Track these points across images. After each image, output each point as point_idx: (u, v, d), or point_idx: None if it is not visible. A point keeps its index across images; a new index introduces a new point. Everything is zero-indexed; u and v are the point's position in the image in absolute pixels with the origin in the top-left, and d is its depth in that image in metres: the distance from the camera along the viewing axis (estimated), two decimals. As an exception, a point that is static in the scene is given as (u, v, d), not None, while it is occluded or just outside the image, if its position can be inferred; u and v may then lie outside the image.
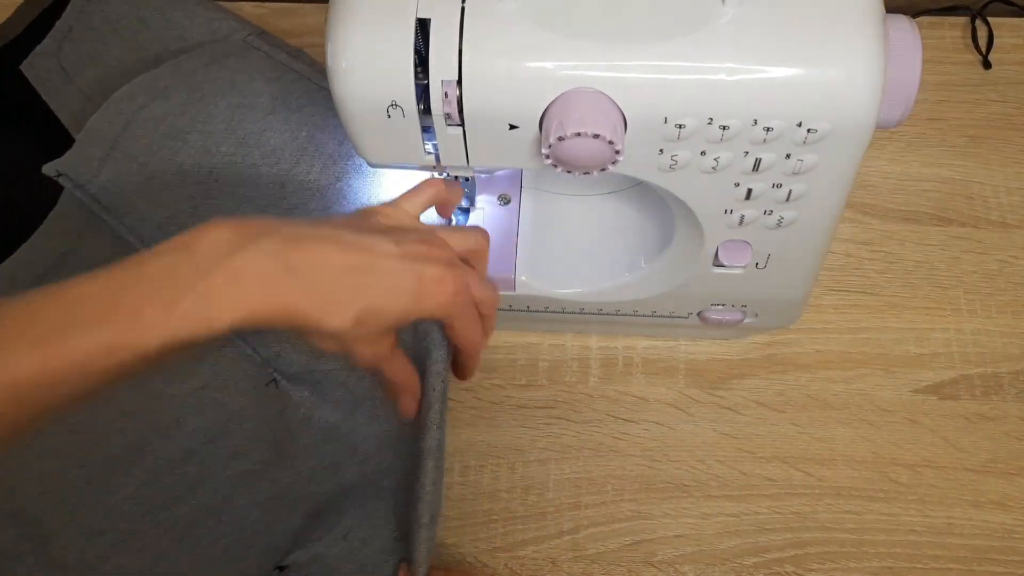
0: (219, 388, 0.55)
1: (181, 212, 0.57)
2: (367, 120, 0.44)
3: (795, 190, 0.46)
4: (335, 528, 0.53)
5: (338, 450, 0.56)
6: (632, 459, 0.61)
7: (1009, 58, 0.73)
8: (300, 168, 0.58)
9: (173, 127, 0.58)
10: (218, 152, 0.58)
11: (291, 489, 0.55)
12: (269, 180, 0.58)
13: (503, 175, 0.60)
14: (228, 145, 0.58)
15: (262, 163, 0.58)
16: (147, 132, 0.58)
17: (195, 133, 0.58)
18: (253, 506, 0.54)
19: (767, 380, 0.63)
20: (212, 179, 0.57)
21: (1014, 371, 0.62)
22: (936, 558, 0.57)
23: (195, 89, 0.59)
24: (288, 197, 0.58)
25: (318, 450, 0.56)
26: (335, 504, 0.55)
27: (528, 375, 0.63)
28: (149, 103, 0.58)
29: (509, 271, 0.58)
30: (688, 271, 0.54)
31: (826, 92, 0.40)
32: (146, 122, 0.58)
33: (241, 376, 0.56)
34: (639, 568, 0.57)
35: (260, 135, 0.58)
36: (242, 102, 0.59)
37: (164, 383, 0.56)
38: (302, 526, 0.55)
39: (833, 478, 0.60)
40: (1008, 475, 0.59)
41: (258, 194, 0.58)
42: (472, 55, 0.41)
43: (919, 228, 0.68)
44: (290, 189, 0.58)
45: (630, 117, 0.42)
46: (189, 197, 0.57)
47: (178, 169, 0.57)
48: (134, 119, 0.58)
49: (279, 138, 0.59)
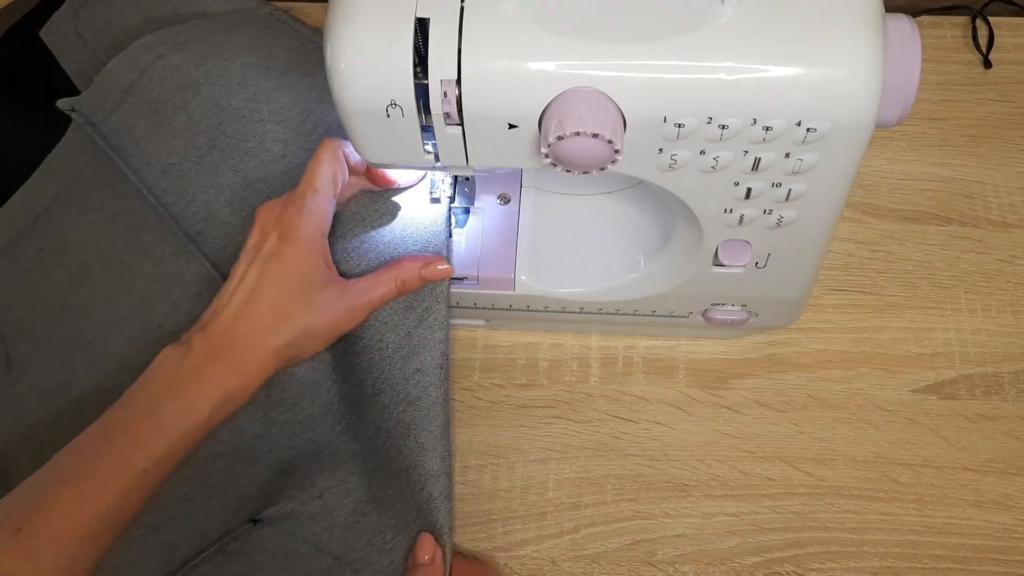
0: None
1: (187, 160, 0.58)
2: (367, 119, 0.44)
3: (795, 189, 0.46)
4: (309, 487, 0.54)
5: (313, 406, 0.56)
6: (632, 459, 0.61)
7: (1009, 57, 0.73)
8: (305, 127, 0.59)
9: (188, 78, 0.59)
10: (228, 106, 0.59)
11: (258, 440, 0.55)
12: (274, 137, 0.59)
13: (503, 175, 0.60)
14: (239, 100, 0.59)
15: (269, 119, 0.59)
16: (163, 80, 0.59)
17: (208, 86, 0.59)
18: (215, 456, 0.54)
19: (767, 380, 0.63)
20: (220, 131, 0.58)
21: (1014, 371, 0.62)
22: (936, 558, 0.57)
23: (214, 45, 0.60)
24: (290, 156, 0.59)
25: (295, 404, 0.56)
26: (305, 461, 0.55)
27: (528, 375, 0.63)
28: (168, 53, 0.59)
29: (509, 271, 0.58)
30: (688, 271, 0.54)
31: (826, 91, 0.40)
32: (163, 71, 0.59)
33: None
34: (639, 568, 0.57)
35: (271, 92, 0.60)
36: (257, 62, 0.60)
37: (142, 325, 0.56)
38: (270, 480, 0.55)
39: (833, 478, 0.60)
40: (1008, 475, 0.59)
41: (262, 150, 0.58)
42: (471, 55, 0.41)
43: (919, 228, 0.67)
44: (292, 148, 0.59)
45: (629, 116, 0.42)
46: (196, 147, 0.58)
47: (188, 118, 0.58)
48: (152, 67, 0.59)
49: (288, 97, 0.60)
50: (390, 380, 0.53)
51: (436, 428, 0.53)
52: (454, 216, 0.59)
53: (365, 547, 0.53)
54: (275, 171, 0.58)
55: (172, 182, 0.58)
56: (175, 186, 0.58)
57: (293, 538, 0.54)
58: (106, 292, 0.58)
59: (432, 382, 0.53)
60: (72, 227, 0.61)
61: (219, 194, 0.58)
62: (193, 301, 0.57)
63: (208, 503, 0.54)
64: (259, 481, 0.55)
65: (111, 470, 0.45)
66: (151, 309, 0.58)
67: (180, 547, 0.53)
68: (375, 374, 0.54)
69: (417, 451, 0.53)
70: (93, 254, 0.59)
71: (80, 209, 0.61)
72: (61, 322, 0.58)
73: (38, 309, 0.58)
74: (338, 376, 0.56)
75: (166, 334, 0.54)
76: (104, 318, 0.58)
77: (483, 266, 0.58)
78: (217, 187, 0.58)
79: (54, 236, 0.60)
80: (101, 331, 0.57)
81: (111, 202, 0.60)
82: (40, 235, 0.60)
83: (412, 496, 0.53)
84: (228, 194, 0.58)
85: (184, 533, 0.53)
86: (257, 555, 0.53)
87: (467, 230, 0.59)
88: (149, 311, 0.58)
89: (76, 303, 0.58)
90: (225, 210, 0.58)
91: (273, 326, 0.49)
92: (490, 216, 0.59)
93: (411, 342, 0.53)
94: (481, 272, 0.58)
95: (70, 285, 0.59)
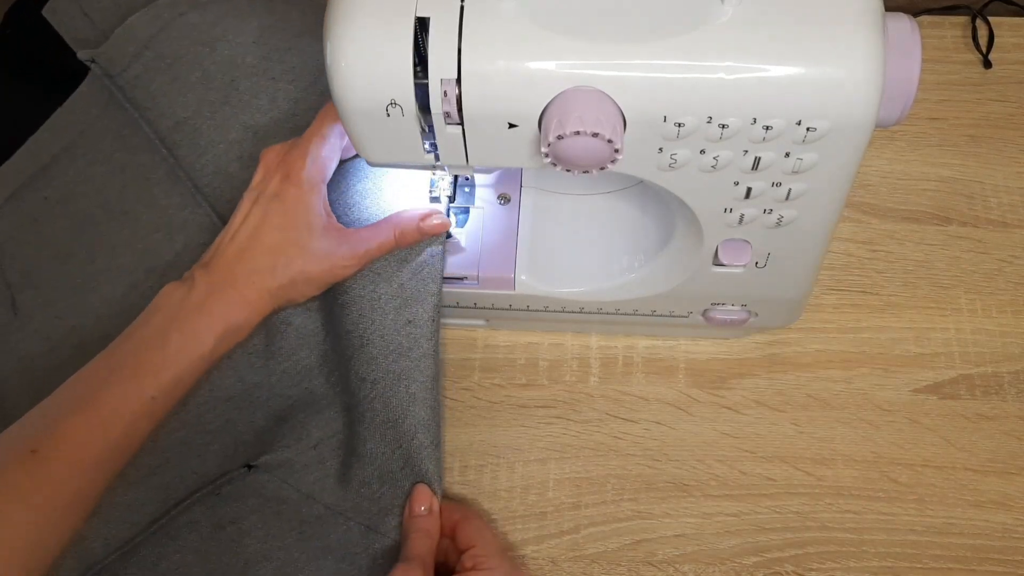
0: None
1: (199, 115, 0.60)
2: (367, 119, 0.44)
3: (795, 189, 0.46)
4: (304, 438, 0.56)
5: (311, 356, 0.57)
6: (632, 459, 0.61)
7: (1009, 57, 0.73)
8: (317, 87, 0.60)
9: (205, 35, 0.60)
10: (243, 64, 0.60)
11: (257, 389, 0.56)
12: (286, 96, 0.60)
13: (503, 174, 0.61)
14: (253, 58, 0.60)
15: (282, 78, 0.60)
16: (180, 36, 0.60)
17: (224, 43, 0.60)
18: (214, 403, 0.55)
19: (767, 380, 0.63)
20: (233, 87, 0.60)
21: (1014, 371, 0.62)
22: (936, 558, 0.57)
23: (233, 6, 0.62)
24: (301, 115, 0.60)
25: (294, 354, 0.57)
26: (302, 410, 0.57)
27: (528, 375, 0.63)
28: (188, 11, 0.61)
29: (509, 271, 0.58)
30: (688, 270, 0.54)
31: (826, 91, 0.40)
32: (181, 27, 0.60)
33: None
34: (639, 568, 0.57)
35: (285, 52, 0.61)
36: (273, 23, 0.61)
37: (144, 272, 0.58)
38: (266, 428, 0.56)
39: (833, 478, 0.60)
40: (1008, 475, 0.59)
41: (273, 108, 0.60)
42: (471, 54, 0.41)
43: (919, 228, 0.67)
44: (303, 107, 0.60)
45: (629, 116, 0.42)
46: (209, 103, 0.59)
47: (203, 74, 0.60)
48: (171, 23, 0.60)
49: (301, 58, 0.61)
50: (381, 330, 0.54)
51: (427, 379, 0.54)
52: (454, 216, 0.59)
53: (354, 497, 0.55)
54: (286, 128, 0.60)
55: (184, 135, 0.59)
56: (187, 139, 0.60)
57: (286, 485, 0.55)
58: (110, 240, 0.60)
59: (423, 334, 0.54)
60: (79, 177, 0.62)
61: (229, 148, 0.60)
62: (196, 251, 0.58)
63: (205, 448, 0.55)
64: (256, 429, 0.56)
65: (121, 397, 0.47)
66: (154, 257, 0.59)
67: (176, 489, 0.54)
68: (364, 324, 0.54)
69: (408, 401, 0.54)
70: (99, 204, 0.61)
71: (88, 160, 0.62)
72: (65, 269, 0.60)
73: (43, 256, 0.60)
74: (331, 327, 0.57)
75: (168, 281, 0.55)
76: (107, 265, 0.59)
77: (483, 266, 0.58)
78: (228, 142, 0.60)
79: (60, 186, 0.62)
80: (104, 278, 0.59)
81: (120, 154, 0.62)
82: (47, 185, 0.62)
83: (400, 446, 0.54)
84: (238, 149, 0.60)
85: (181, 476, 0.54)
86: (250, 499, 0.54)
87: (467, 230, 0.59)
88: (152, 259, 0.59)
89: (80, 251, 0.60)
90: (235, 164, 0.59)
91: (271, 267, 0.51)
92: (490, 216, 0.59)
93: (404, 294, 0.54)
94: (481, 272, 0.58)
95: (75, 233, 0.61)
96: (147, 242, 0.60)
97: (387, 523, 0.54)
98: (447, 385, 0.63)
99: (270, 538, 0.54)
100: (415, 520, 0.53)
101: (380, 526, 0.54)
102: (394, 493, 0.54)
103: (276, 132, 0.59)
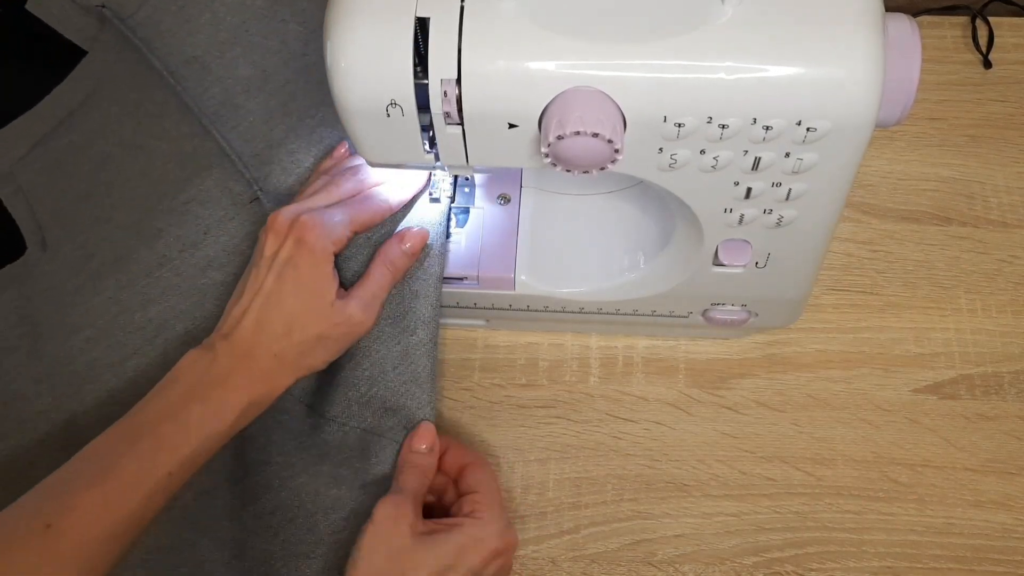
0: (202, 203, 0.58)
1: (208, 54, 0.60)
2: (367, 119, 0.44)
3: (795, 189, 0.46)
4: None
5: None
6: (632, 459, 0.61)
7: (1009, 57, 0.73)
8: None
9: None
10: (252, 5, 0.61)
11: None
12: (295, 36, 0.61)
13: (503, 174, 0.60)
14: (263, 0, 0.61)
15: (291, 20, 0.61)
16: None
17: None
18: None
19: (767, 380, 0.63)
20: (243, 29, 0.60)
21: (1014, 371, 0.62)
22: (936, 558, 0.57)
23: None
24: (310, 54, 0.60)
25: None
26: None
27: (528, 375, 0.63)
28: None
29: (509, 271, 0.58)
30: (688, 270, 0.54)
31: (826, 91, 0.40)
32: None
33: (225, 193, 0.58)
34: (639, 568, 0.57)
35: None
36: None
37: (157, 198, 0.59)
38: None
39: (833, 478, 0.60)
40: (1008, 475, 0.59)
41: (284, 48, 0.60)
42: (471, 54, 0.41)
43: (919, 228, 0.67)
44: (313, 47, 0.61)
45: (629, 116, 0.42)
46: (218, 43, 0.60)
47: (212, 16, 0.61)
48: None
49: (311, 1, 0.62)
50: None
51: (430, 277, 0.55)
52: (454, 216, 0.59)
53: (343, 400, 0.56)
54: (295, 67, 0.60)
55: (193, 71, 0.61)
56: (195, 75, 0.61)
57: (288, 396, 0.56)
58: (126, 174, 0.61)
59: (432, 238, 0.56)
60: (100, 120, 0.64)
61: (237, 83, 0.60)
62: (204, 175, 0.59)
63: None
64: None
65: (137, 472, 0.46)
66: (165, 184, 0.60)
67: None
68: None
69: (410, 298, 0.55)
70: (116, 142, 0.62)
71: (108, 103, 0.64)
72: (86, 205, 0.61)
73: (68, 197, 0.62)
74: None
75: (178, 204, 0.57)
76: (123, 197, 0.60)
77: (483, 266, 0.58)
78: (236, 78, 0.60)
79: (83, 130, 0.64)
80: (120, 208, 0.60)
81: (134, 93, 0.63)
82: (71, 130, 0.64)
83: (398, 342, 0.55)
84: (245, 84, 0.60)
85: None
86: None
87: (467, 230, 0.59)
88: (163, 185, 0.60)
89: (99, 188, 0.61)
90: (241, 96, 0.60)
91: (287, 334, 0.50)
92: (490, 216, 0.59)
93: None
94: (481, 272, 0.58)
95: (95, 173, 0.62)
96: (160, 172, 0.60)
97: (383, 424, 0.55)
98: (447, 385, 0.63)
99: (270, 444, 0.54)
100: (413, 456, 0.54)
101: (376, 427, 0.55)
102: (386, 394, 0.55)
103: (285, 71, 0.60)
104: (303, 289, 0.51)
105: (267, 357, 0.50)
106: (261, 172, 0.58)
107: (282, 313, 0.50)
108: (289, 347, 0.50)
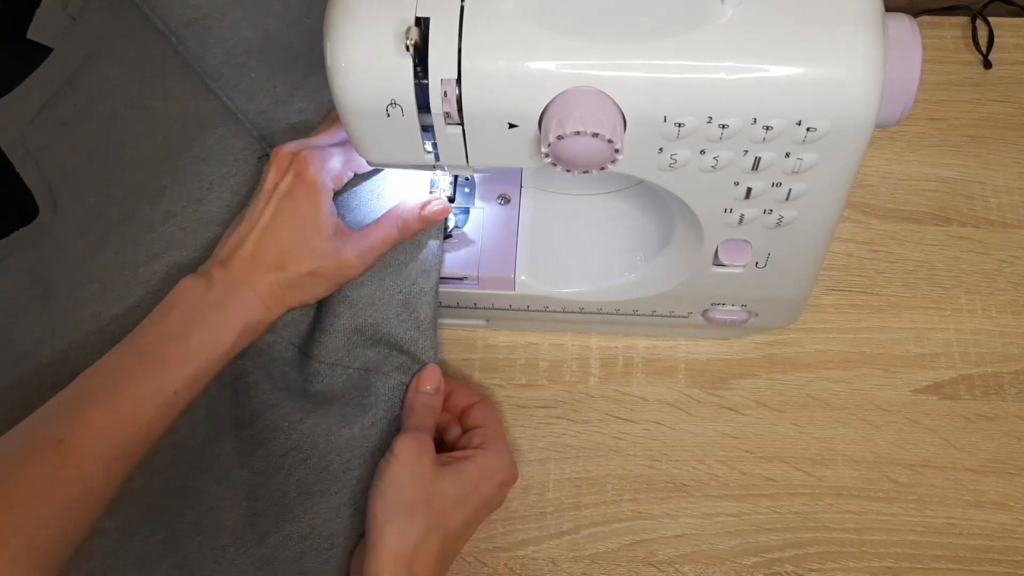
0: (205, 160, 0.58)
1: (210, 16, 0.60)
2: (367, 119, 0.44)
3: (795, 189, 0.46)
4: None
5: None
6: (632, 459, 0.61)
7: (1009, 58, 0.73)
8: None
9: None
10: None
11: None
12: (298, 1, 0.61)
13: (503, 174, 0.60)
14: None
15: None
16: None
17: None
18: None
19: (767, 380, 0.63)
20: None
21: (1014, 371, 0.62)
22: (936, 558, 0.57)
23: None
24: (313, 16, 0.60)
25: None
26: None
27: (528, 375, 0.63)
28: None
29: (509, 271, 0.58)
30: (688, 270, 0.54)
31: (826, 91, 0.40)
32: None
33: (228, 150, 0.58)
34: (639, 568, 0.57)
35: None
36: None
37: (163, 157, 0.60)
38: None
39: (833, 478, 0.60)
40: (1008, 475, 0.59)
41: (286, 11, 0.61)
42: (471, 54, 0.41)
43: (919, 228, 0.67)
44: (316, 11, 0.60)
45: (629, 116, 0.42)
46: (220, 5, 0.60)
47: None
48: None
49: None
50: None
51: (433, 229, 0.57)
52: (454, 216, 0.59)
53: (346, 345, 0.57)
54: (297, 30, 0.60)
55: (194, 32, 0.61)
56: (196, 35, 0.61)
57: (291, 347, 0.57)
58: (132, 134, 0.62)
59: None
60: (102, 80, 0.64)
61: (238, 44, 0.61)
62: (208, 133, 0.59)
63: None
64: None
65: (145, 389, 0.47)
66: (170, 143, 0.61)
67: None
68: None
69: (412, 248, 0.56)
70: (121, 103, 0.63)
71: (109, 63, 0.64)
72: (94, 165, 0.62)
73: (77, 158, 0.62)
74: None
75: (183, 164, 0.57)
76: (130, 157, 0.61)
77: (483, 266, 0.58)
78: (237, 39, 0.61)
79: (86, 91, 0.64)
80: (127, 168, 0.61)
81: (135, 52, 0.63)
82: (75, 92, 0.64)
83: (399, 292, 0.56)
84: (247, 44, 0.61)
85: None
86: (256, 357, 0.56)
87: (467, 230, 0.59)
88: (169, 145, 0.60)
89: (107, 149, 0.62)
90: (243, 56, 0.60)
91: (282, 266, 0.52)
92: (490, 216, 0.59)
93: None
94: (481, 272, 0.58)
95: (102, 133, 0.62)
96: (164, 132, 0.61)
97: (387, 363, 0.56)
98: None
99: (277, 389, 0.55)
100: (421, 396, 0.56)
101: (380, 365, 0.56)
102: (390, 339, 0.56)
103: (287, 32, 0.60)
104: (299, 221, 0.52)
105: (261, 286, 0.51)
106: (268, 129, 0.59)
107: (277, 244, 0.52)
108: (282, 279, 0.52)
